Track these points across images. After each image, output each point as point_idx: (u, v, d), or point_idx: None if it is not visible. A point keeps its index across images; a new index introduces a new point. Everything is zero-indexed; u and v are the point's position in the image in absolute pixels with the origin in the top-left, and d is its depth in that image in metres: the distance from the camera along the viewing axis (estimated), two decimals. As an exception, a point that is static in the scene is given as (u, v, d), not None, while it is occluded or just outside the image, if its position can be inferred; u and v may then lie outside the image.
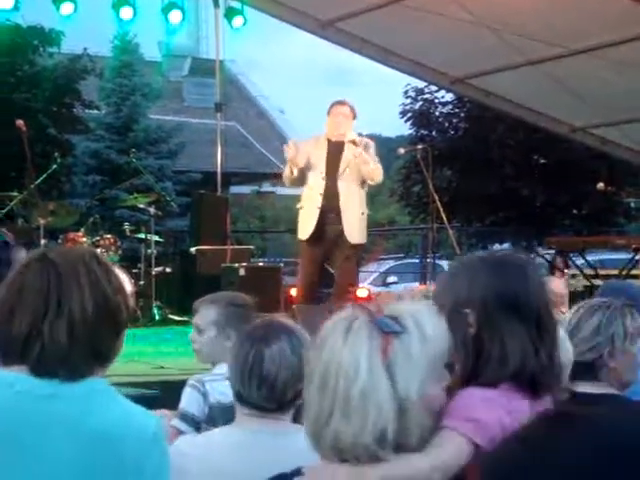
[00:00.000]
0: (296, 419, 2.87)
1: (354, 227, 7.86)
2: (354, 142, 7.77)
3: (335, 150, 7.86)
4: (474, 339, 2.23)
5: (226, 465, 2.64)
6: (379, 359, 1.86)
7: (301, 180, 7.90)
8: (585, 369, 3.11)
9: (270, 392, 2.77)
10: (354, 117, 8.03)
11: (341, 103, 8.01)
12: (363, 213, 7.98)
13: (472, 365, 2.15)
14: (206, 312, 3.99)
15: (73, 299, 2.14)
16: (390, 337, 1.88)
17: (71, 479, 2.07)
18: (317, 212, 7.77)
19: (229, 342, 3.68)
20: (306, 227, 7.86)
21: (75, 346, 2.12)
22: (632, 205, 17.70)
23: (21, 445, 2.06)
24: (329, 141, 7.92)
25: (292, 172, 7.81)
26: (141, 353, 6.97)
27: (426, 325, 1.92)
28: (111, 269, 2.27)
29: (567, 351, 2.83)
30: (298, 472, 2.01)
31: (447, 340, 1.95)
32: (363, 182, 7.90)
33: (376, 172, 7.84)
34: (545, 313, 2.26)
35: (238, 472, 2.66)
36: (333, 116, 7.93)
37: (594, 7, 8.82)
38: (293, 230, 8.35)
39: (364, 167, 7.76)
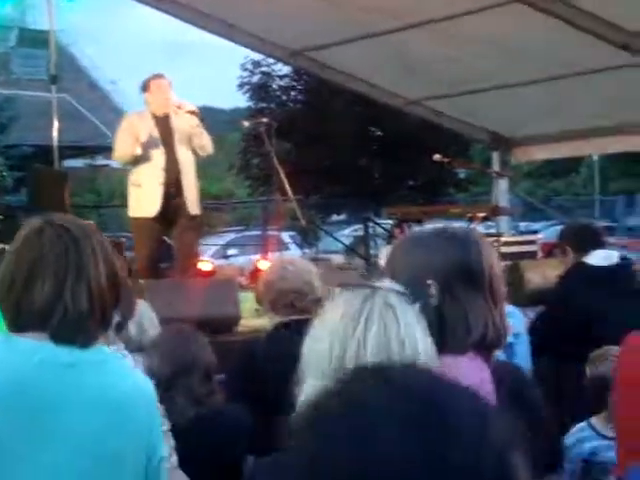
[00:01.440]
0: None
1: (193, 199, 7.91)
2: (193, 112, 7.77)
3: (164, 123, 7.82)
4: (437, 308, 2.33)
5: None
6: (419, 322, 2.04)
7: (140, 157, 7.78)
8: None
9: None
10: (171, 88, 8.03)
11: (160, 76, 7.96)
12: (197, 184, 8.03)
13: (434, 334, 2.24)
14: None
15: (91, 267, 2.21)
16: (416, 305, 2.07)
17: (95, 446, 2.14)
18: (161, 189, 7.71)
19: None
20: (150, 205, 7.75)
21: (92, 312, 2.20)
22: (462, 176, 18.30)
23: (45, 415, 2.11)
24: (155, 115, 7.85)
25: (136, 150, 7.70)
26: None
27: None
28: (110, 244, 2.37)
29: None
30: None
31: None
32: (194, 152, 7.91)
33: (210, 143, 7.90)
34: (496, 283, 2.39)
35: None
36: (157, 90, 7.85)
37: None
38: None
39: (200, 138, 7.78)
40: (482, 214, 9.26)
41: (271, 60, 18.54)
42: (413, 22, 9.93)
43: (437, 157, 10.15)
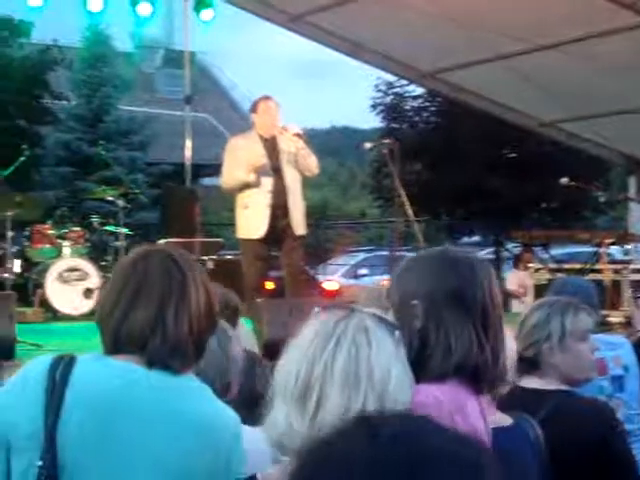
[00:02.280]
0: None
1: (300, 220, 7.93)
2: (298, 135, 7.77)
3: (271, 146, 7.84)
4: (420, 331, 2.28)
5: None
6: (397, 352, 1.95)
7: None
8: (528, 364, 3.19)
9: None
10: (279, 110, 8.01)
11: (269, 98, 7.96)
12: (303, 204, 8.03)
13: (416, 356, 2.19)
14: None
15: (192, 294, 2.25)
16: (399, 334, 2.00)
17: (174, 468, 2.15)
18: (268, 210, 7.75)
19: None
20: (258, 226, 7.77)
21: (190, 337, 2.23)
22: (600, 199, 17.83)
23: (130, 434, 2.13)
24: (262, 137, 7.86)
25: (249, 177, 7.70)
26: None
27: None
28: (208, 277, 2.39)
29: (510, 350, 2.90)
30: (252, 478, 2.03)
31: None
32: (301, 174, 7.93)
33: (315, 164, 7.91)
34: (491, 309, 2.31)
35: None
36: (265, 113, 7.85)
37: (560, 2, 8.89)
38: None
39: (307, 159, 7.80)
40: (610, 240, 9.01)
41: (404, 81, 18.55)
42: (544, 44, 9.78)
43: (564, 180, 9.91)
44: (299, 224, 7.91)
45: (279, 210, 7.78)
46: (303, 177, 7.96)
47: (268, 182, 7.77)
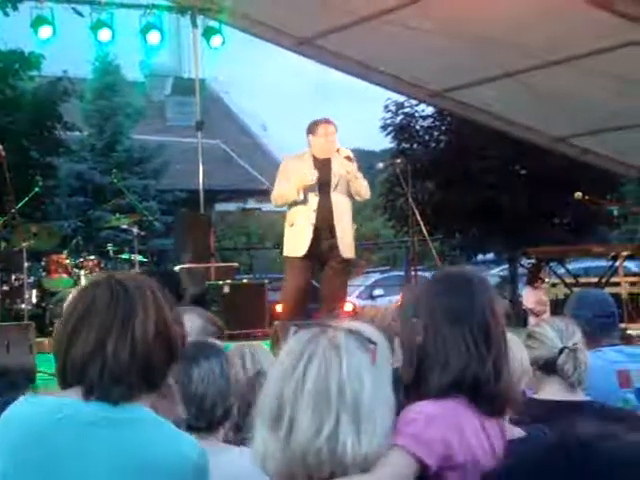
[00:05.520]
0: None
1: (346, 242, 7.90)
2: (349, 158, 7.79)
3: (323, 166, 7.85)
4: (420, 347, 2.33)
5: None
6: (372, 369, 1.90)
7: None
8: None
9: (199, 411, 2.78)
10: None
11: (328, 122, 7.98)
12: (353, 228, 8.04)
13: (415, 371, 2.21)
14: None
15: (138, 321, 2.13)
16: (375, 348, 1.92)
17: None
18: (311, 229, 7.78)
19: None
20: (300, 244, 7.82)
21: (133, 367, 2.11)
22: (615, 213, 17.78)
23: (61, 472, 2.03)
24: (315, 158, 7.89)
25: (298, 193, 7.77)
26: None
27: (378, 339, 1.97)
28: (173, 302, 2.28)
29: (524, 359, 2.91)
30: None
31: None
32: (351, 196, 7.93)
33: (366, 189, 7.92)
34: (492, 325, 2.35)
35: None
36: (322, 136, 7.86)
37: (569, 18, 8.89)
38: (279, 245, 8.33)
39: (355, 183, 7.80)
40: (626, 253, 8.98)
41: (414, 101, 18.57)
42: (555, 59, 9.79)
43: (578, 195, 9.89)
44: (346, 247, 7.89)
45: (324, 230, 7.81)
46: (353, 201, 7.98)
47: (314, 201, 7.81)
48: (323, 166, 7.86)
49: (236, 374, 2.98)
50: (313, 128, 7.95)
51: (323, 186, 7.82)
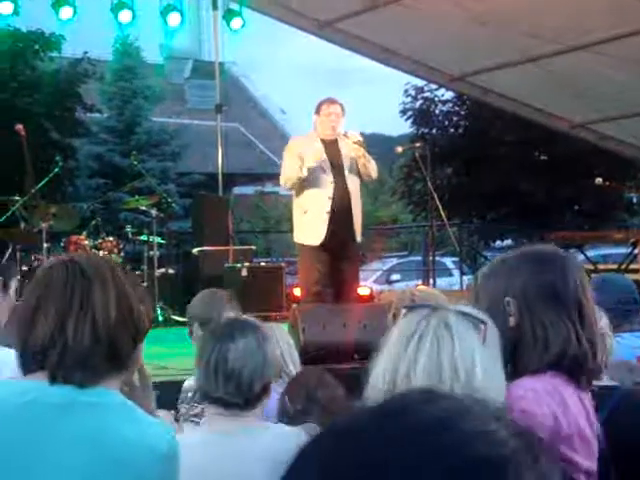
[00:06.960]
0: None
1: (359, 226, 7.75)
2: (359, 143, 7.63)
3: (332, 149, 7.65)
4: (515, 328, 2.33)
5: (195, 466, 2.58)
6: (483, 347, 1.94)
7: (307, 181, 7.58)
8: None
9: (236, 388, 2.78)
10: (344, 114, 7.80)
11: (332, 101, 7.75)
12: (362, 211, 7.93)
13: (511, 353, 2.22)
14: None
15: (97, 301, 2.09)
16: (485, 327, 1.97)
17: None
18: (327, 216, 7.52)
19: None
20: (317, 233, 7.57)
21: (96, 348, 2.05)
22: (634, 200, 17.68)
23: (28, 455, 1.98)
24: (323, 141, 7.67)
25: (302, 172, 7.47)
26: (144, 354, 7.00)
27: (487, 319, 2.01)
28: (136, 279, 2.27)
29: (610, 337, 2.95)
30: None
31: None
32: (360, 177, 7.77)
33: (375, 170, 7.79)
34: (585, 302, 2.37)
35: (207, 472, 2.67)
36: (326, 115, 7.66)
37: (590, 3, 8.85)
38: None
39: (366, 165, 7.62)
40: (645, 238, 8.95)
41: (434, 86, 18.53)
42: (575, 44, 9.74)
43: (598, 181, 9.88)
44: (358, 231, 7.72)
45: (341, 216, 7.56)
46: (362, 181, 7.81)
47: (330, 188, 7.55)
48: (332, 147, 7.66)
49: (272, 350, 2.99)
50: (317, 107, 7.76)
51: (336, 170, 7.60)
